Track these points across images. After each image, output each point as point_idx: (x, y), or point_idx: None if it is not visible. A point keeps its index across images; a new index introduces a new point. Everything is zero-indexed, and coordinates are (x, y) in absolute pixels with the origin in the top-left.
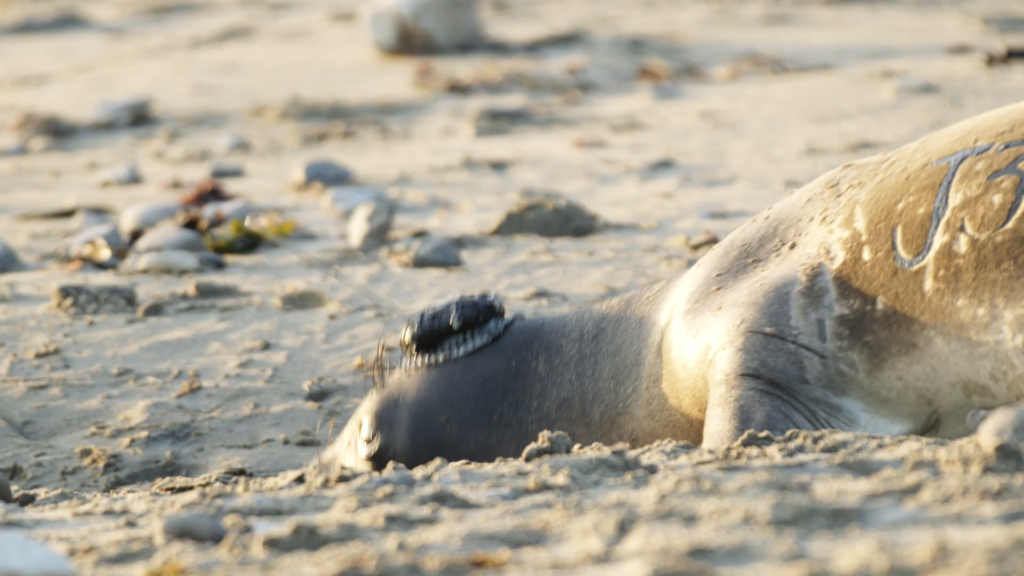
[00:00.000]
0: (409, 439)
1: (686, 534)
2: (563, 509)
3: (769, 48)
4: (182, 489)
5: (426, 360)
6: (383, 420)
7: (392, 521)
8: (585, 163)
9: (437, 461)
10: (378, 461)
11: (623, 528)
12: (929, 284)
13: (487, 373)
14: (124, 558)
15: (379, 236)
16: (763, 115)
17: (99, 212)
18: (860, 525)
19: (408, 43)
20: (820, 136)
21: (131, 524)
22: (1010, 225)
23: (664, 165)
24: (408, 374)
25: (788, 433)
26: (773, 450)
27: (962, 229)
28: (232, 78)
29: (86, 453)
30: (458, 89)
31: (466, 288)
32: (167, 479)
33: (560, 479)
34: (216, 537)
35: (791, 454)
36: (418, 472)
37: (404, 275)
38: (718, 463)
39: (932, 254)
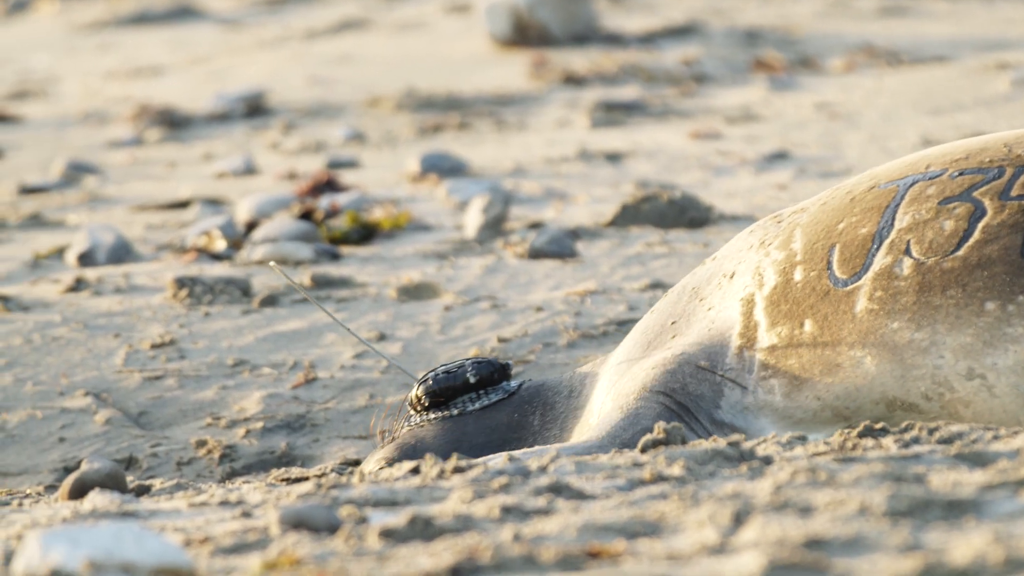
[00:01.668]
0: None
1: (802, 525)
2: (679, 500)
3: (884, 40)
4: (298, 480)
5: (440, 414)
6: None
7: (508, 512)
8: (700, 154)
9: (552, 451)
10: None
11: (739, 519)
12: (862, 304)
13: (493, 424)
14: (240, 549)
15: (494, 227)
16: (878, 107)
17: (215, 203)
18: (976, 516)
19: (523, 34)
20: (935, 128)
21: (247, 515)
22: (961, 252)
23: (779, 157)
24: (421, 426)
25: (904, 424)
26: (888, 441)
27: (907, 252)
28: (347, 69)
29: (201, 444)
30: (573, 80)
31: (581, 279)
32: (282, 470)
33: (676, 470)
34: (332, 528)
35: (906, 445)
36: (533, 463)
37: (519, 266)
38: (833, 454)
39: (870, 274)
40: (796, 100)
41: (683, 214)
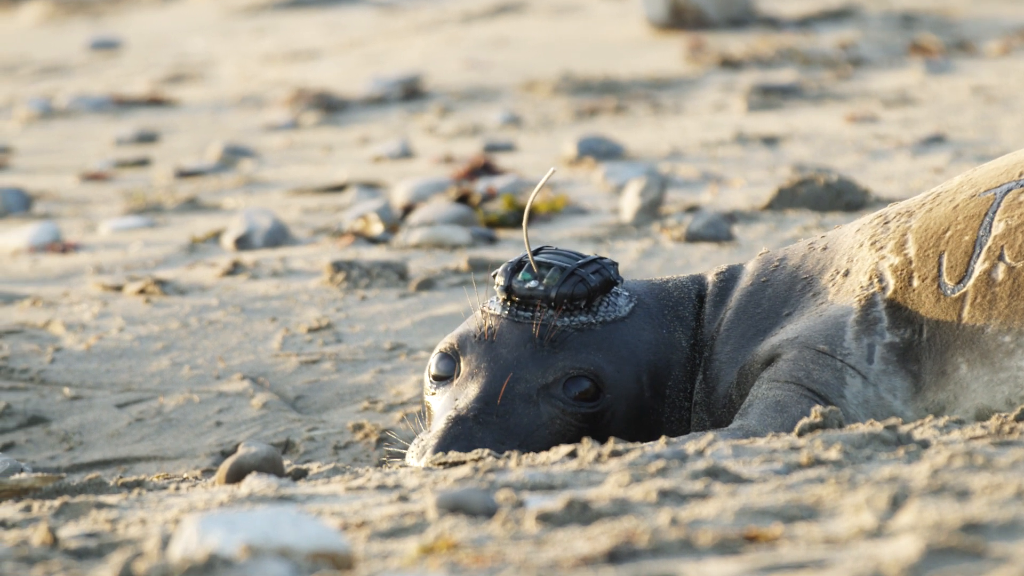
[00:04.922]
0: (632, 401)
1: (959, 509)
2: (836, 484)
3: None
4: (455, 464)
5: (596, 320)
6: (606, 381)
7: (665, 496)
8: (856, 138)
9: (709, 436)
10: (595, 422)
11: (896, 503)
12: (967, 311)
13: (652, 341)
14: (397, 533)
15: (651, 211)
16: None
17: (371, 187)
18: None
19: (679, 18)
20: None
21: (404, 499)
22: None
23: (936, 140)
24: (579, 329)
25: None
26: None
27: (1001, 258)
28: (503, 53)
29: (358, 428)
30: (729, 64)
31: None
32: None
33: (833, 454)
34: (489, 512)
35: None
36: (690, 447)
37: (676, 250)
38: (990, 438)
39: (972, 281)
40: (952, 83)
41: (840, 198)
